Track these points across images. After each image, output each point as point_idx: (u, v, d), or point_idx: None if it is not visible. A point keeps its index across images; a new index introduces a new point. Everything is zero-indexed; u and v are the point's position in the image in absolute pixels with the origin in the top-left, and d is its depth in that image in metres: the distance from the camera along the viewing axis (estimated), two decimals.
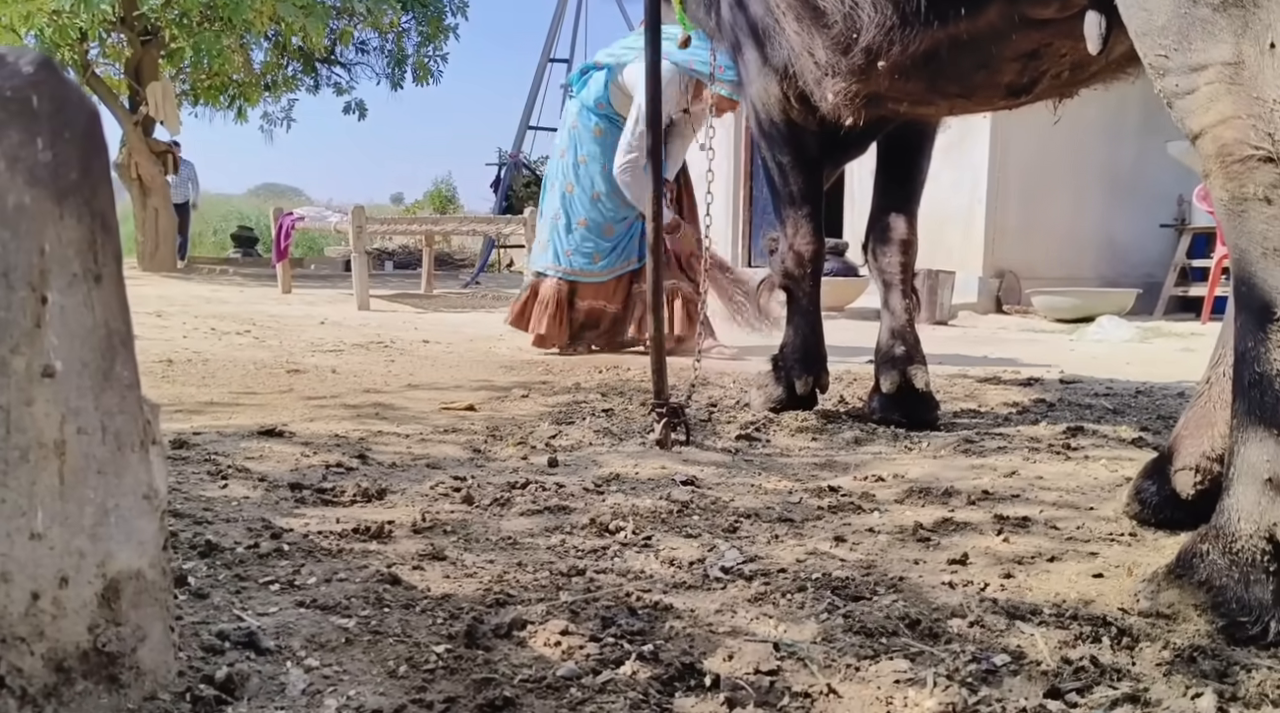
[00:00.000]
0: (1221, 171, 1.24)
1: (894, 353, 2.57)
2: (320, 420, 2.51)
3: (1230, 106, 1.23)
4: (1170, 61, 1.29)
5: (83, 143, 0.96)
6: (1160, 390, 3.30)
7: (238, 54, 12.46)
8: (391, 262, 13.93)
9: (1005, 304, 7.28)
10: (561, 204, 4.17)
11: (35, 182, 0.92)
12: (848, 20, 1.90)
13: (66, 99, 0.96)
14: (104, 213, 0.98)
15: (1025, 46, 1.86)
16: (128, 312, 1.00)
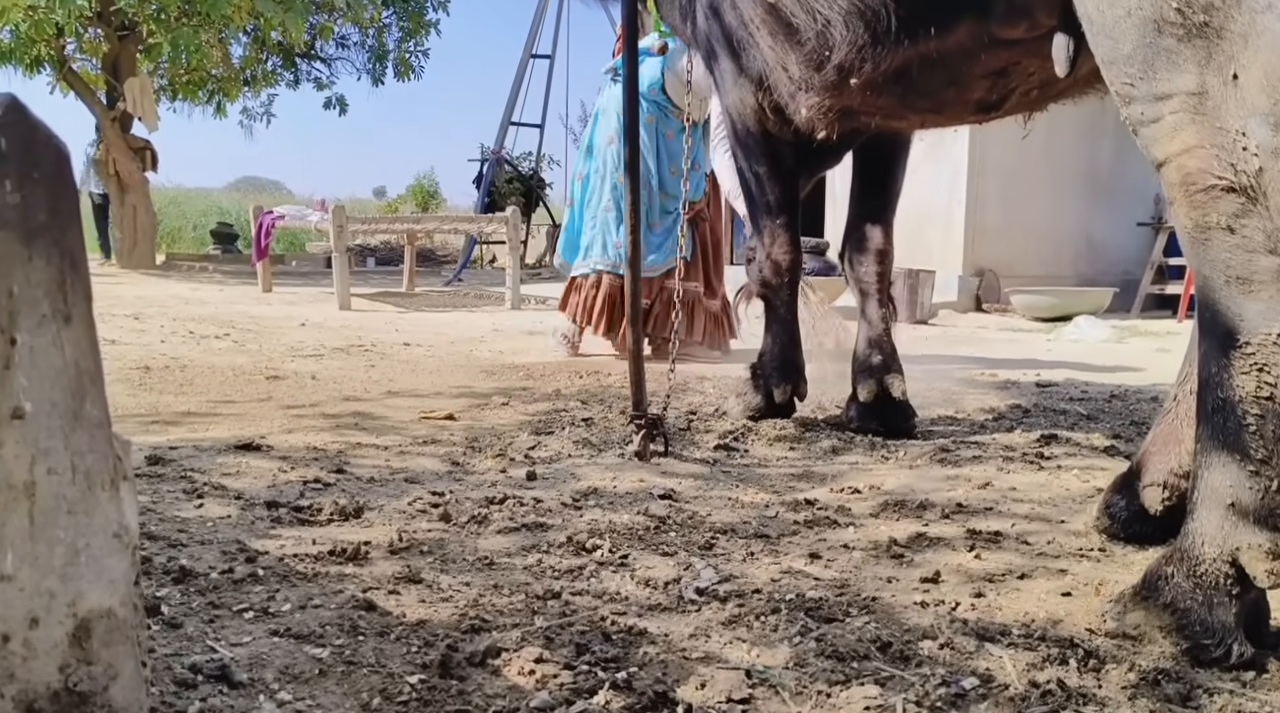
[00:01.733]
0: (1185, 200, 1.26)
1: (871, 362, 2.59)
2: (299, 432, 2.50)
3: (1194, 136, 1.25)
4: (1135, 90, 1.31)
5: (51, 183, 0.96)
6: (1134, 394, 3.34)
7: (216, 49, 12.37)
8: (374, 258, 13.84)
9: (985, 303, 7.33)
10: (614, 196, 4.00)
11: (3, 224, 0.92)
12: (820, 38, 1.91)
13: (34, 140, 0.95)
14: (73, 252, 0.98)
15: (994, 65, 1.88)
16: (98, 350, 1.00)
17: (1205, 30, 1.23)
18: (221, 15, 10.40)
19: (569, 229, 4.27)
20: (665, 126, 4.06)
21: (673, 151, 4.03)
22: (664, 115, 4.05)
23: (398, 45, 13.46)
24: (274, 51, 13.20)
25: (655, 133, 4.02)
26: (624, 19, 2.44)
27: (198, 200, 24.30)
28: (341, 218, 7.02)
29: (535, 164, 14.99)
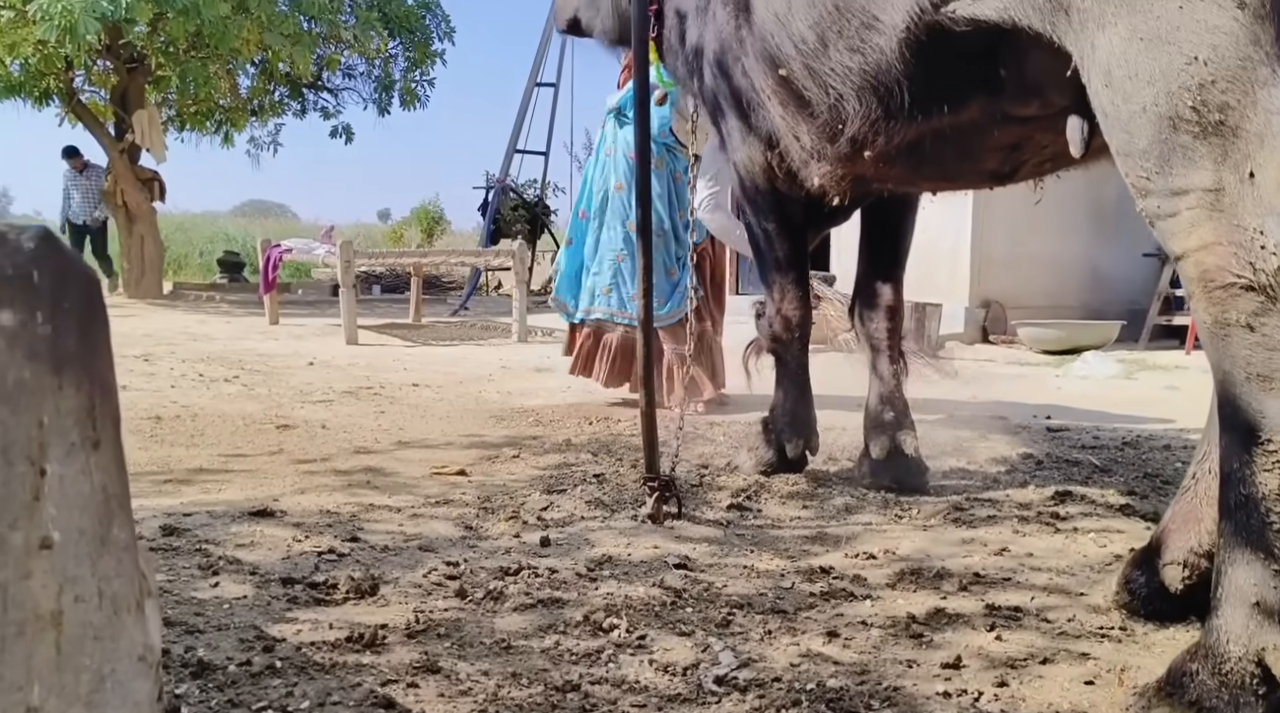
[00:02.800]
0: (1204, 296, 1.27)
1: (883, 419, 2.58)
2: (311, 492, 2.50)
3: (1211, 233, 1.26)
4: (1152, 184, 1.31)
5: (82, 311, 0.97)
6: (1146, 442, 3.33)
7: (224, 80, 12.47)
8: (379, 285, 13.88)
9: (992, 334, 7.32)
10: (627, 245, 3.94)
11: (34, 356, 0.93)
12: (833, 111, 1.93)
13: (66, 270, 0.96)
14: (103, 377, 0.98)
15: (1007, 139, 1.89)
16: (125, 473, 1.00)
17: (1221, 128, 1.24)
18: (230, 48, 10.50)
19: (568, 270, 4.20)
20: (675, 167, 4.04)
21: (683, 195, 4.02)
22: (673, 156, 4.02)
23: (404, 75, 13.57)
24: (281, 82, 13.30)
25: (667, 177, 3.99)
26: (635, 72, 2.46)
27: (204, 226, 24.40)
28: (349, 253, 7.05)
29: (540, 191, 15.06)
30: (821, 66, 1.89)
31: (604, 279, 4.00)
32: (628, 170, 3.95)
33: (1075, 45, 1.41)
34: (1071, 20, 1.39)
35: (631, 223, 3.90)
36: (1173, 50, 1.25)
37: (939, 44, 1.68)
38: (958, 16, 1.62)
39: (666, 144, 3.99)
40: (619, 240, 3.97)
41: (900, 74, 1.76)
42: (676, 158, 4.01)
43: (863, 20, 1.76)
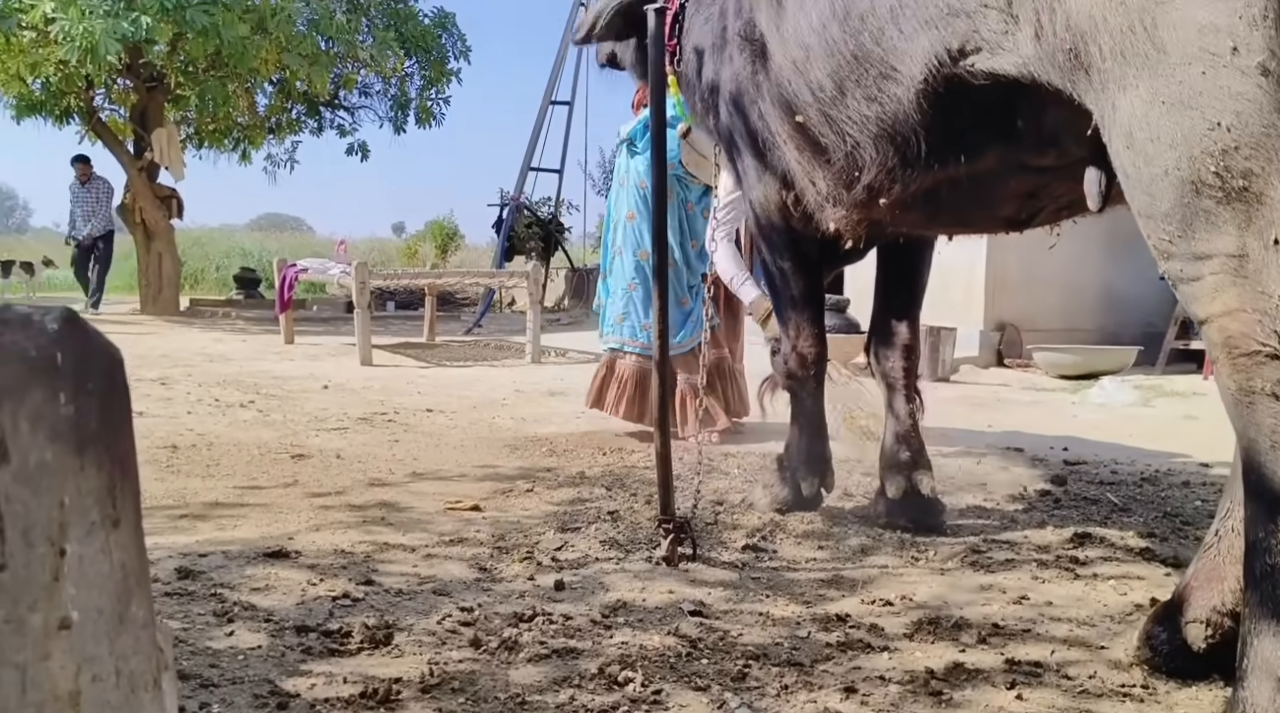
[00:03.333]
0: (1228, 363, 1.25)
1: (899, 458, 2.57)
2: (326, 529, 2.50)
3: (1235, 299, 1.24)
4: (1174, 247, 1.30)
5: (104, 390, 0.97)
6: (1165, 478, 3.30)
7: (242, 99, 12.59)
8: (393, 301, 13.94)
9: (1007, 357, 7.29)
10: (638, 274, 3.95)
11: (56, 437, 0.93)
12: (849, 159, 1.93)
13: (89, 350, 0.96)
14: (124, 456, 0.98)
15: (1024, 188, 1.89)
16: (144, 550, 1.00)
17: (1245, 194, 1.23)
18: (248, 68, 10.60)
19: (606, 304, 4.17)
20: (687, 196, 4.03)
21: (694, 225, 4.02)
22: (684, 186, 4.02)
23: (419, 94, 13.66)
24: (298, 100, 13.41)
25: (678, 207, 3.97)
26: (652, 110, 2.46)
27: (220, 241, 24.59)
28: (364, 274, 7.08)
29: (554, 209, 15.12)
30: (839, 114, 1.89)
31: (617, 308, 4.00)
32: (639, 200, 3.96)
33: (1096, 104, 1.41)
34: (1092, 80, 1.39)
35: (643, 252, 3.91)
36: (1195, 115, 1.24)
37: (957, 96, 1.68)
38: (976, 70, 1.61)
39: (676, 174, 3.99)
40: (630, 269, 3.97)
41: (917, 124, 1.76)
42: (688, 188, 4.00)
43: (880, 70, 1.76)
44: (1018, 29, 1.50)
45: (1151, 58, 1.28)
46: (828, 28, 1.82)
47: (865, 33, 1.75)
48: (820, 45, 1.85)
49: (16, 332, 0.93)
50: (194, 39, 9.81)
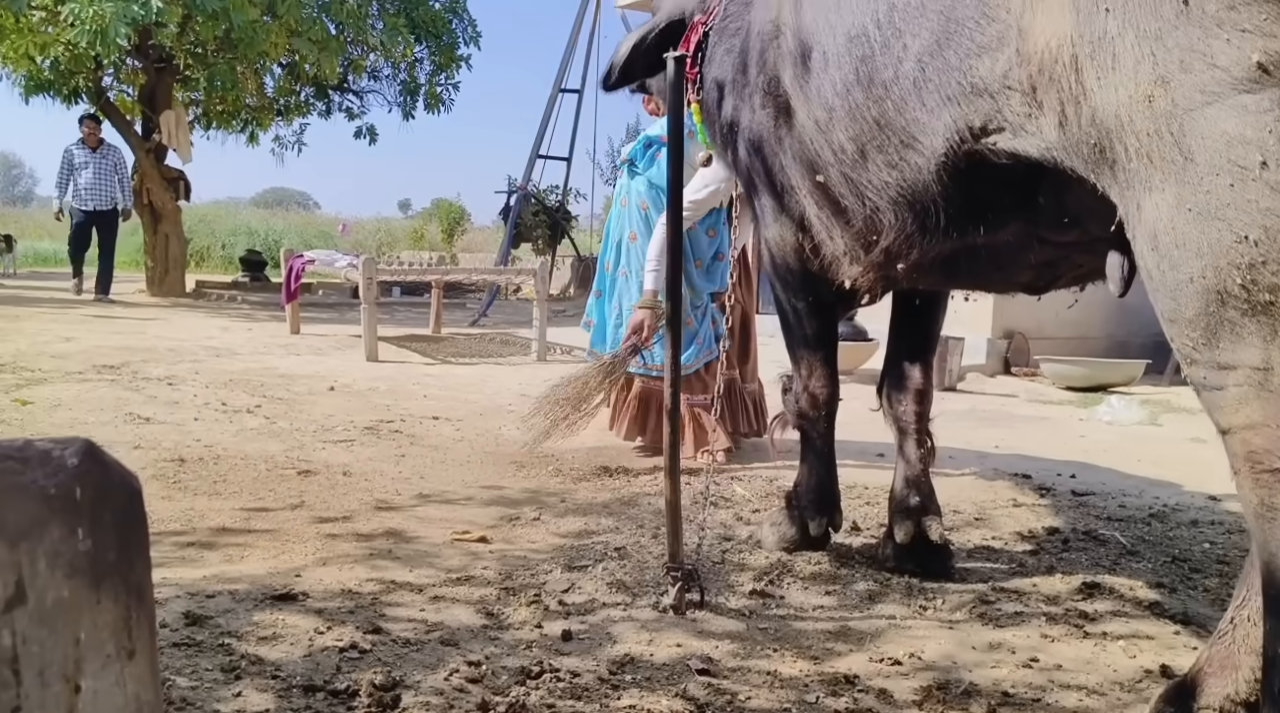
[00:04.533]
0: (1251, 476, 1.24)
1: (908, 503, 2.56)
2: (333, 563, 2.51)
3: (1259, 413, 1.23)
4: (1199, 354, 1.29)
5: (122, 523, 0.97)
6: (1173, 514, 3.29)
7: (251, 81, 12.52)
8: (399, 287, 13.93)
9: (1014, 366, 7.27)
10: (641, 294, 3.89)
11: (74, 573, 0.93)
12: (868, 223, 1.91)
13: (108, 483, 0.96)
14: (140, 587, 0.98)
15: (1044, 258, 1.87)
16: (157, 678, 1.00)
17: (1271, 309, 1.21)
18: (258, 51, 10.54)
19: (600, 322, 4.18)
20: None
21: (696, 243, 3.99)
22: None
23: (429, 79, 13.58)
24: (307, 82, 13.33)
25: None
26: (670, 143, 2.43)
27: (226, 218, 24.57)
28: (371, 270, 7.07)
29: (562, 197, 15.08)
30: (859, 178, 1.87)
31: (624, 331, 3.97)
32: (640, 220, 3.96)
33: (1120, 200, 1.39)
34: (1117, 176, 1.37)
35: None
36: (1223, 226, 1.23)
37: (978, 170, 1.66)
38: (998, 149, 1.59)
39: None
40: (636, 291, 3.94)
41: (938, 194, 1.74)
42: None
43: (902, 139, 1.74)
44: (1041, 115, 1.48)
45: (1179, 164, 1.26)
46: (851, 92, 1.80)
47: (888, 101, 1.73)
48: (843, 109, 1.83)
49: (36, 469, 0.92)
50: (204, 22, 9.75)
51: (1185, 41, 1.24)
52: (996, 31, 1.52)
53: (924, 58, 1.65)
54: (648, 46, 2.81)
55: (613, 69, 2.82)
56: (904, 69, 1.69)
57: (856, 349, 6.65)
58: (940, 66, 1.62)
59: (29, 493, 0.90)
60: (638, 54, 2.81)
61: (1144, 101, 1.29)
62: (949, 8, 1.58)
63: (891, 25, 1.69)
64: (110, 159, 11.23)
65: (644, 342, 3.65)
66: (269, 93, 13.58)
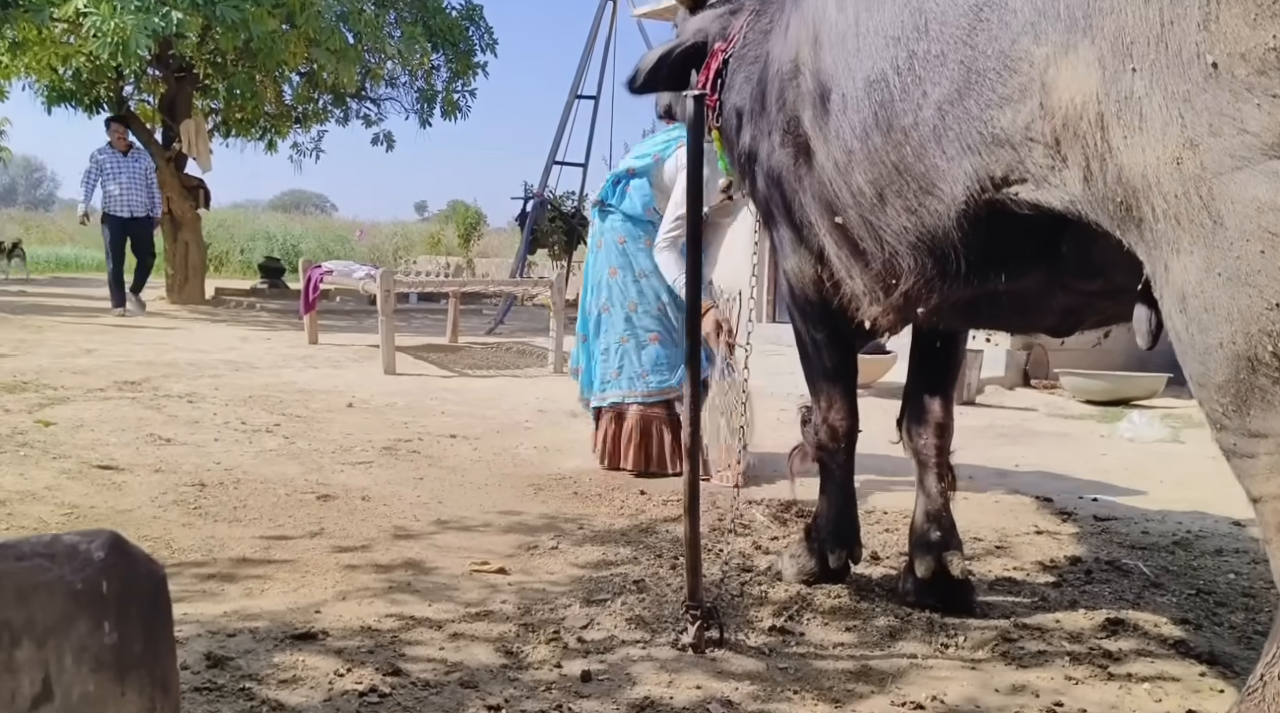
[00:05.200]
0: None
1: (929, 537, 2.55)
2: (353, 597, 2.51)
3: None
4: (1228, 421, 1.27)
5: (147, 615, 0.97)
6: (1197, 542, 3.25)
7: (270, 89, 12.60)
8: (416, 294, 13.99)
9: (1033, 378, 7.22)
10: (627, 327, 4.00)
11: (100, 667, 0.93)
12: (887, 267, 1.90)
13: (133, 575, 0.96)
14: (165, 677, 0.98)
15: (1066, 304, 1.86)
16: None
17: None
18: (277, 60, 10.61)
19: (587, 366, 4.18)
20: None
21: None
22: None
23: (446, 86, 13.62)
24: (325, 90, 13.40)
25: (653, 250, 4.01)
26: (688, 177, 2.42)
27: (245, 223, 24.74)
28: (389, 283, 7.10)
29: (578, 203, 15.08)
30: (878, 222, 1.86)
31: (611, 364, 4.05)
32: (618, 255, 4.03)
33: (1148, 259, 1.37)
34: (1144, 235, 1.35)
35: (632, 304, 3.99)
36: (1253, 293, 1.21)
37: (999, 219, 1.64)
38: (1020, 200, 1.58)
39: (651, 222, 4.02)
40: (620, 323, 4.02)
41: (958, 241, 1.73)
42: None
43: (921, 185, 1.73)
44: (1065, 169, 1.46)
45: (1208, 228, 1.24)
46: (870, 136, 1.79)
47: (907, 147, 1.72)
48: (862, 152, 1.82)
49: (64, 564, 0.93)
50: (223, 33, 9.81)
51: (1214, 105, 1.22)
52: (1019, 84, 1.50)
53: (944, 106, 1.63)
54: (672, 61, 2.82)
55: (638, 74, 2.84)
56: (923, 116, 1.67)
57: (874, 362, 6.62)
58: (961, 115, 1.61)
59: (57, 590, 0.91)
60: (663, 65, 2.82)
61: (1172, 164, 1.27)
62: (970, 58, 1.56)
63: (912, 72, 1.68)
64: (141, 164, 10.82)
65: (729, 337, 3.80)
66: (287, 101, 13.67)
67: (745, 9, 2.77)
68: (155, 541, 2.92)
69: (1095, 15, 1.34)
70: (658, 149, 4.07)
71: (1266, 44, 1.17)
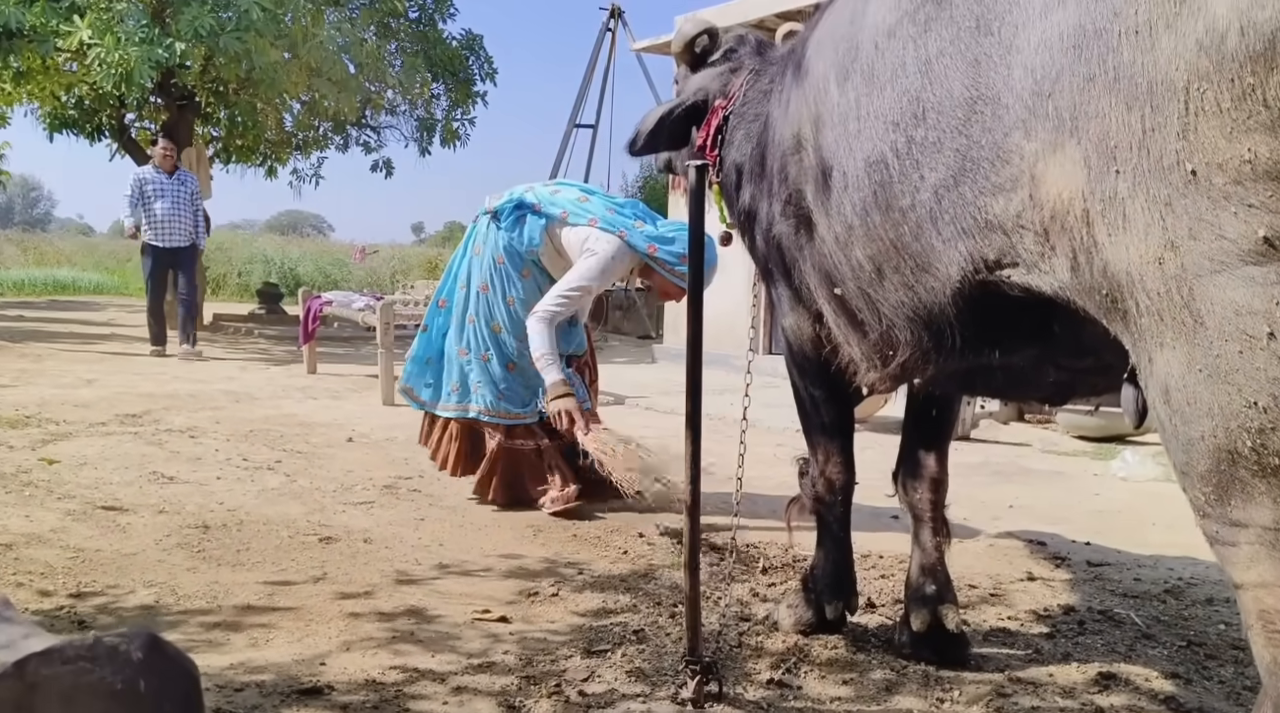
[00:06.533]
0: (1264, 635, 1.28)
1: (924, 592, 2.59)
2: (356, 648, 2.55)
3: (1271, 572, 1.26)
4: (1211, 509, 1.33)
5: (182, 707, 1.02)
6: (1188, 591, 3.30)
7: (271, 117, 12.72)
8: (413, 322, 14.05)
9: (1027, 413, 7.27)
10: (493, 344, 4.07)
11: None
12: (884, 338, 1.96)
13: (170, 672, 1.01)
14: None
15: (1058, 378, 1.91)
16: None
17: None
18: (279, 90, 10.71)
19: (419, 354, 4.24)
20: (538, 282, 4.10)
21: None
22: (538, 270, 4.10)
23: (445, 115, 13.75)
24: (325, 117, 13.52)
25: (533, 286, 4.09)
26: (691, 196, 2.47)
27: (243, 247, 24.78)
28: (389, 315, 7.16)
29: None
30: (876, 295, 1.92)
31: (473, 376, 4.12)
32: (494, 271, 4.09)
33: (1133, 349, 1.43)
34: (1129, 327, 1.41)
35: (498, 325, 4.08)
36: (1232, 390, 1.26)
37: (992, 299, 1.70)
38: (1012, 282, 1.64)
39: (535, 261, 4.10)
40: (486, 338, 4.09)
41: (953, 317, 1.78)
42: (543, 272, 4.12)
43: (918, 263, 1.79)
44: (1054, 256, 1.52)
45: (1189, 326, 1.30)
46: (870, 214, 1.85)
47: (905, 226, 1.78)
48: (862, 228, 1.88)
49: (104, 666, 0.98)
50: (226, 63, 9.92)
51: (1194, 210, 1.28)
52: (1011, 173, 1.56)
53: (940, 190, 1.70)
54: (673, 120, 2.89)
55: (638, 137, 2.90)
56: (921, 198, 1.74)
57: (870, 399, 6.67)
58: (956, 200, 1.67)
59: (99, 691, 0.96)
60: (663, 125, 2.89)
61: (1155, 262, 1.33)
62: (965, 147, 1.63)
63: (910, 156, 1.74)
64: (188, 187, 9.69)
65: (576, 428, 3.85)
66: (288, 128, 13.79)
67: (745, 68, 2.85)
68: (161, 587, 2.96)
69: (1081, 118, 1.41)
70: (571, 210, 4.01)
71: (1242, 156, 1.24)
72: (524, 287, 4.07)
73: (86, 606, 2.78)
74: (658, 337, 12.69)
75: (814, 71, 2.06)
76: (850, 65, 1.88)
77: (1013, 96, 1.53)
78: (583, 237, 3.94)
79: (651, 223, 4.03)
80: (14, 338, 10.26)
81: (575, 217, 3.98)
